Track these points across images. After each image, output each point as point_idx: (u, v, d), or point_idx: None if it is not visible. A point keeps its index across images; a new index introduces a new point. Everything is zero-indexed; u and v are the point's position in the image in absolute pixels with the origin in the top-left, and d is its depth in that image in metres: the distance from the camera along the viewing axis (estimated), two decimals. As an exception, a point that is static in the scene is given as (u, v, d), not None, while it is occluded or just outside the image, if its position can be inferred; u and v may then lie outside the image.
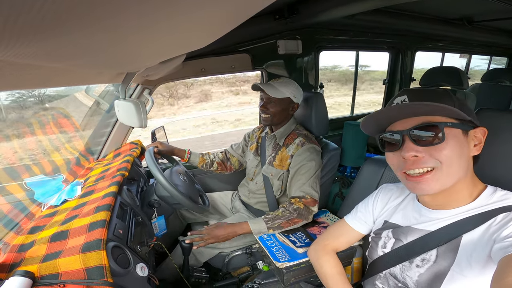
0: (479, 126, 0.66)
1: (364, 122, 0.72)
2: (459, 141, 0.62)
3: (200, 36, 0.59)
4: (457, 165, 0.62)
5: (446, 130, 0.61)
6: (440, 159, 0.62)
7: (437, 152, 0.62)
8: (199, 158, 1.63)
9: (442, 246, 0.68)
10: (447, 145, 0.61)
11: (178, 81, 1.68)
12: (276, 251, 1.08)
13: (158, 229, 1.23)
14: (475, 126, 0.66)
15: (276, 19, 1.55)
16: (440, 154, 0.61)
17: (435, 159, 0.62)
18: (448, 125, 0.61)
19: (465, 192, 0.68)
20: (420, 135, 0.63)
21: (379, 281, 0.82)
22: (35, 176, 1.20)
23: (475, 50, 3.57)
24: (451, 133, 0.62)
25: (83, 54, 0.42)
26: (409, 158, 0.64)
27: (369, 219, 0.89)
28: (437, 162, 0.62)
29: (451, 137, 0.61)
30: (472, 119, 0.64)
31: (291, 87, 1.36)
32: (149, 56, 0.64)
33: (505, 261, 0.52)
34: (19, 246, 0.80)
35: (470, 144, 0.64)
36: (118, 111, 1.22)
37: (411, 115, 0.65)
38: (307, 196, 1.25)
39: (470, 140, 0.65)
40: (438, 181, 0.63)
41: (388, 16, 1.84)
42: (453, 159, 0.62)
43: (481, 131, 0.65)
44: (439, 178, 0.63)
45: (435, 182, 0.63)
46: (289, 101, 1.38)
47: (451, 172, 0.62)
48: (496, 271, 0.53)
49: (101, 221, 0.78)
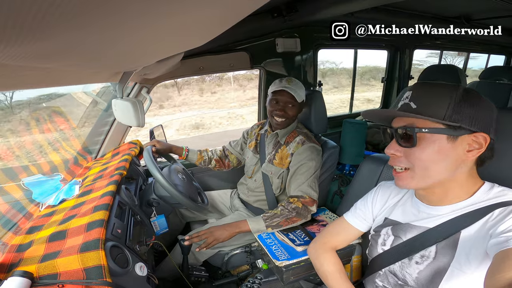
0: (477, 131, 0.62)
1: (365, 113, 0.77)
2: (438, 147, 0.63)
3: (197, 35, 0.58)
4: (435, 169, 0.64)
5: (420, 135, 0.64)
6: (412, 162, 0.66)
7: (411, 155, 0.66)
8: (197, 155, 1.63)
9: (441, 243, 0.68)
10: (419, 149, 0.64)
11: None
12: (275, 250, 1.08)
13: (159, 227, 1.23)
14: (472, 131, 0.62)
15: (274, 17, 1.54)
16: (412, 157, 0.65)
17: (408, 161, 0.66)
18: (423, 130, 0.63)
19: (461, 188, 0.68)
20: (402, 136, 0.67)
21: (379, 279, 0.82)
22: (33, 176, 1.19)
23: (473, 48, 3.58)
24: (430, 138, 0.63)
25: (78, 54, 0.42)
26: (388, 154, 0.70)
27: (369, 216, 0.90)
28: (410, 164, 0.66)
29: (427, 142, 0.63)
30: (463, 125, 0.61)
31: (303, 89, 1.37)
32: (146, 56, 0.64)
33: (499, 256, 0.53)
34: (18, 246, 0.80)
35: (457, 149, 0.63)
36: (116, 110, 1.21)
37: (403, 116, 0.68)
38: (306, 196, 1.25)
39: (458, 145, 0.63)
40: (413, 180, 0.67)
41: (386, 14, 1.83)
42: (427, 163, 0.64)
43: (482, 137, 0.62)
44: (412, 178, 0.67)
45: (409, 181, 0.67)
46: (302, 103, 1.39)
47: (427, 175, 0.65)
48: (491, 266, 0.53)
49: (99, 220, 0.78)
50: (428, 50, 3.15)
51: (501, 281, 0.47)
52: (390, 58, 2.73)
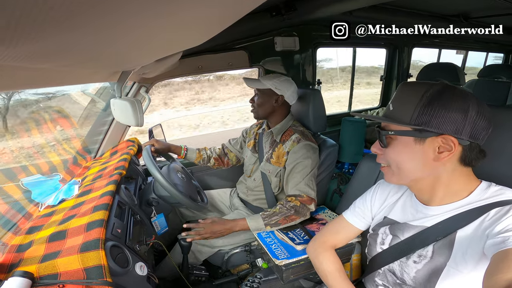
0: (444, 134, 0.62)
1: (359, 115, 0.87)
2: (408, 148, 0.67)
3: (196, 34, 0.58)
4: (407, 168, 0.69)
5: (389, 137, 0.70)
6: (387, 160, 0.72)
7: (385, 154, 0.72)
8: (196, 154, 1.63)
9: (438, 242, 0.68)
10: (390, 150, 0.70)
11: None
12: (275, 249, 1.09)
13: (160, 227, 1.23)
14: (439, 133, 0.63)
15: (273, 16, 1.54)
16: (387, 156, 0.72)
17: (385, 159, 0.73)
18: (389, 133, 0.69)
19: (458, 187, 0.68)
20: (379, 137, 0.73)
21: (379, 278, 0.82)
22: (32, 176, 1.19)
23: (471, 46, 3.58)
24: (399, 140, 0.68)
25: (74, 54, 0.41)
26: (373, 152, 0.76)
27: (368, 215, 0.90)
28: (388, 162, 0.72)
29: (397, 144, 0.69)
30: (428, 128, 0.62)
31: (274, 79, 1.36)
32: (144, 55, 0.64)
33: (497, 257, 0.53)
34: (18, 247, 0.80)
35: (427, 151, 0.65)
36: (114, 109, 1.21)
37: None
38: (303, 195, 1.26)
39: (427, 147, 0.64)
40: (393, 176, 0.73)
41: (385, 13, 1.83)
42: (400, 163, 0.69)
43: (450, 140, 0.62)
44: (392, 175, 0.73)
45: (390, 176, 0.73)
46: (271, 92, 1.37)
47: (403, 173, 0.70)
48: (488, 267, 0.53)
49: (99, 220, 0.78)
50: (426, 48, 3.14)
51: (500, 282, 0.48)
52: (389, 56, 2.73)
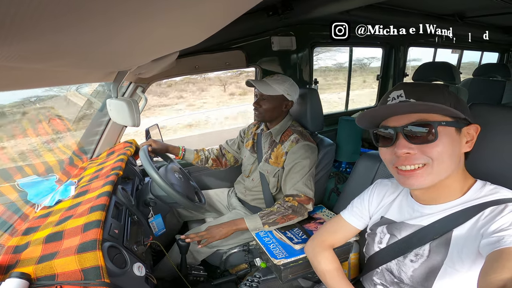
0: (472, 123, 0.66)
1: (360, 117, 0.73)
2: (451, 139, 0.63)
3: (193, 33, 0.58)
4: (448, 161, 0.64)
5: (439, 128, 0.62)
6: (431, 156, 0.63)
7: (429, 150, 0.63)
8: (194, 154, 1.62)
9: (435, 241, 0.69)
10: (440, 143, 0.62)
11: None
12: (273, 248, 1.09)
13: (157, 228, 1.23)
14: (469, 123, 0.66)
15: (269, 15, 1.53)
16: (432, 152, 0.63)
17: (426, 156, 0.63)
18: (442, 124, 0.62)
19: (456, 186, 0.69)
20: (414, 133, 0.64)
21: (377, 277, 0.83)
22: (28, 177, 1.18)
23: (466, 45, 3.60)
24: (444, 131, 0.62)
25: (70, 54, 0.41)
26: (401, 154, 0.65)
27: (365, 214, 0.90)
28: (429, 159, 0.63)
29: (444, 135, 0.62)
30: (466, 117, 0.64)
31: (285, 84, 1.35)
32: (140, 55, 0.64)
33: (492, 257, 0.53)
34: (14, 248, 0.79)
35: (462, 141, 0.65)
36: (110, 110, 1.20)
37: (407, 112, 0.65)
38: (301, 195, 1.26)
39: (462, 137, 0.65)
40: (429, 176, 0.64)
41: (381, 12, 1.84)
42: (444, 157, 0.63)
43: (474, 128, 0.66)
44: (429, 174, 0.64)
45: (425, 178, 0.64)
46: (282, 98, 1.37)
47: (442, 169, 0.64)
48: (483, 267, 0.54)
49: (96, 221, 0.78)
50: (422, 48, 3.16)
51: (494, 282, 0.48)
52: (385, 55, 2.74)
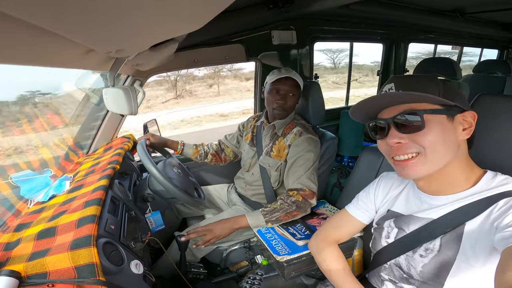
0: (467, 110, 0.65)
1: (352, 110, 0.74)
2: (442, 127, 0.63)
3: (195, 14, 0.54)
4: (442, 150, 0.63)
5: (427, 116, 0.63)
6: (423, 144, 0.63)
7: (420, 138, 0.63)
8: (193, 149, 1.59)
9: (446, 235, 0.66)
10: (429, 131, 0.63)
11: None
12: (275, 244, 1.06)
13: (154, 224, 1.19)
14: (463, 110, 0.64)
15: (270, 9, 1.50)
16: (423, 140, 0.63)
17: (418, 145, 0.64)
18: (428, 111, 0.63)
19: (460, 175, 0.67)
20: (403, 123, 0.65)
21: (385, 272, 0.80)
22: (22, 172, 1.14)
23: (466, 42, 3.60)
24: (433, 119, 0.63)
25: (66, 15, 0.37)
26: (393, 144, 0.66)
27: (371, 208, 0.88)
28: (421, 148, 0.64)
29: (434, 123, 0.63)
30: (457, 104, 0.63)
31: (298, 76, 1.35)
32: (139, 36, 0.60)
33: (507, 252, 0.51)
34: (5, 245, 0.76)
35: (457, 129, 0.64)
36: (107, 99, 1.17)
37: (396, 103, 0.67)
38: (305, 189, 1.22)
39: (457, 125, 0.64)
40: (423, 165, 0.65)
41: (381, 7, 1.82)
42: (436, 144, 0.63)
43: (471, 115, 0.65)
44: (424, 163, 0.64)
45: (420, 167, 0.65)
46: (299, 90, 1.37)
47: (436, 157, 0.64)
48: (499, 263, 0.52)
49: (91, 216, 0.74)
50: (422, 43, 3.15)
51: (511, 280, 0.46)
52: (385, 51, 2.72)
